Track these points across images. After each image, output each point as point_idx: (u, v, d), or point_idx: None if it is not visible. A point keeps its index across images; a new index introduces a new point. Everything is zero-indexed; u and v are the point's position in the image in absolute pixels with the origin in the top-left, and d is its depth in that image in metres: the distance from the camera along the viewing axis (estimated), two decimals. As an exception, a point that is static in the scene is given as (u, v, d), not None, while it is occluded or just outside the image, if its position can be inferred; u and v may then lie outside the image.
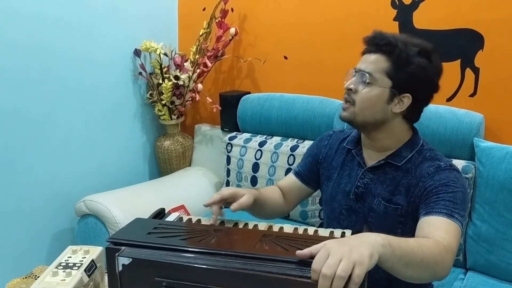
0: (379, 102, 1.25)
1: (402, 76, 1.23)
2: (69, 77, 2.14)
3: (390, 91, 1.24)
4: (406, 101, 1.25)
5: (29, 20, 1.95)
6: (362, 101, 1.25)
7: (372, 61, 1.26)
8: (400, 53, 1.22)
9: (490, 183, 1.71)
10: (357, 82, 1.27)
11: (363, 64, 1.27)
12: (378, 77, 1.24)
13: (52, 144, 2.12)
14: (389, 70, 1.24)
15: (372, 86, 1.24)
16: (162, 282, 0.90)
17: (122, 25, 2.36)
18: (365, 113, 1.26)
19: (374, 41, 1.27)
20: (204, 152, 2.62)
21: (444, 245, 1.03)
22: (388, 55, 1.24)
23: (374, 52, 1.26)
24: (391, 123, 1.28)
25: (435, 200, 1.17)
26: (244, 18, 2.47)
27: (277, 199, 1.47)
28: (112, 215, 1.98)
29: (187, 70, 2.44)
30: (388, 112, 1.26)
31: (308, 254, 0.84)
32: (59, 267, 1.03)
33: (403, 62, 1.22)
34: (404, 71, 1.23)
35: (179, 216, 1.17)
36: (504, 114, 1.89)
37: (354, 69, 1.30)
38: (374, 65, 1.25)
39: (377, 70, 1.24)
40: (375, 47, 1.26)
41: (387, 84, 1.24)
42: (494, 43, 1.86)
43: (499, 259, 1.71)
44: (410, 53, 1.22)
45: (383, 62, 1.24)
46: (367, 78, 1.24)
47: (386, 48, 1.24)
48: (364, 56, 1.30)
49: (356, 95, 1.26)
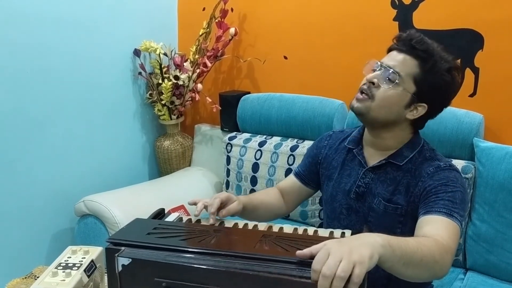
0: (397, 105, 1.24)
1: (427, 85, 1.23)
2: (68, 77, 2.14)
3: (411, 96, 1.23)
4: (421, 110, 1.26)
5: (29, 20, 1.95)
6: (382, 98, 1.24)
7: (403, 61, 1.23)
8: (434, 64, 1.22)
9: (490, 183, 1.71)
10: (383, 77, 1.24)
11: (392, 61, 1.24)
12: (405, 79, 1.22)
13: (51, 144, 2.12)
14: (417, 76, 1.22)
15: (396, 86, 1.23)
16: (161, 283, 0.90)
17: (122, 25, 2.36)
18: (381, 111, 1.25)
19: (411, 42, 1.23)
20: (204, 152, 2.62)
21: (443, 245, 1.04)
22: (421, 61, 1.22)
23: (406, 52, 1.24)
24: (398, 126, 1.29)
25: (434, 200, 1.18)
26: (244, 18, 2.47)
27: (273, 202, 1.47)
28: (112, 215, 1.98)
29: (187, 70, 2.44)
30: (402, 116, 1.26)
31: (308, 254, 0.84)
32: (58, 268, 1.03)
33: (433, 73, 1.22)
34: (431, 82, 1.22)
35: (179, 216, 1.17)
36: (504, 114, 1.89)
37: (380, 63, 1.27)
38: (404, 66, 1.23)
39: (406, 72, 1.22)
40: (409, 48, 1.23)
41: (411, 89, 1.23)
42: (494, 43, 1.86)
43: (498, 259, 1.71)
44: (442, 67, 1.22)
45: (414, 67, 1.22)
46: (394, 77, 1.22)
47: (422, 54, 1.22)
48: (392, 52, 1.27)
49: (378, 90, 1.24)
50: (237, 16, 2.47)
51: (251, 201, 1.36)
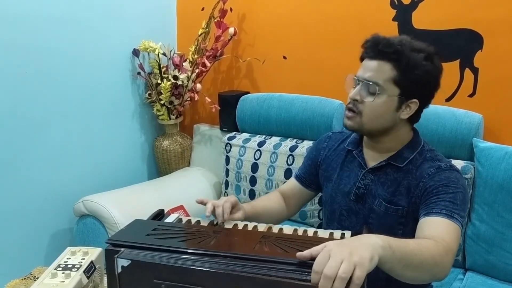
0: (387, 112, 1.23)
1: (409, 82, 1.21)
2: (67, 77, 2.14)
3: (398, 98, 1.22)
4: (413, 107, 1.24)
5: (28, 20, 1.94)
6: (370, 111, 1.23)
7: (377, 69, 1.21)
8: (408, 60, 1.19)
9: (489, 184, 1.71)
10: (363, 92, 1.23)
11: (367, 73, 1.22)
12: (385, 86, 1.21)
13: (50, 144, 2.11)
14: (396, 78, 1.20)
15: (380, 96, 1.21)
16: (161, 285, 0.90)
17: (121, 25, 2.35)
18: (373, 123, 1.24)
19: (379, 47, 1.21)
20: (203, 152, 2.62)
21: (444, 246, 1.03)
22: (394, 62, 1.20)
23: (377, 58, 1.22)
24: (396, 128, 1.28)
25: (435, 201, 1.17)
26: (243, 18, 2.46)
27: (275, 207, 1.46)
28: (111, 215, 1.98)
29: (186, 70, 2.43)
30: (397, 119, 1.25)
31: (309, 256, 0.84)
32: (58, 269, 1.02)
33: (411, 69, 1.19)
34: (411, 77, 1.20)
35: (178, 217, 1.17)
36: (503, 114, 1.89)
37: (357, 78, 1.25)
38: (380, 74, 1.21)
39: (384, 79, 1.21)
40: (379, 54, 1.21)
41: (395, 92, 1.22)
42: (493, 43, 1.86)
43: (498, 259, 1.71)
44: (417, 59, 1.20)
45: (390, 70, 1.20)
46: (375, 89, 1.21)
47: (393, 56, 1.19)
48: (364, 62, 1.25)
49: (363, 105, 1.23)
50: (236, 16, 2.47)
51: (254, 208, 1.35)
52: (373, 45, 1.23)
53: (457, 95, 1.97)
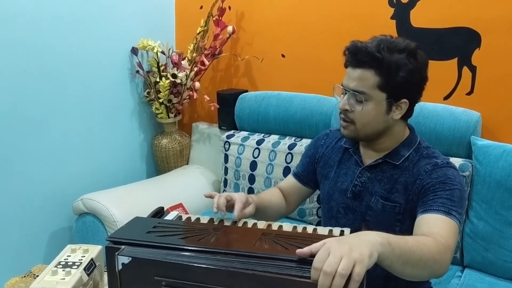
0: (378, 115, 1.24)
1: (394, 85, 1.20)
2: (66, 75, 2.14)
3: (386, 102, 1.23)
4: (404, 106, 1.25)
5: (26, 19, 1.94)
6: (361, 118, 1.24)
7: (360, 77, 1.21)
8: (389, 65, 1.18)
9: (487, 181, 1.72)
10: (352, 102, 1.24)
11: (352, 82, 1.23)
12: (371, 93, 1.21)
13: (49, 142, 2.11)
14: (380, 84, 1.20)
15: (367, 102, 1.22)
16: (161, 281, 0.90)
17: (119, 23, 2.35)
18: (367, 128, 1.26)
19: (358, 56, 1.21)
20: (201, 150, 2.62)
21: (442, 243, 1.04)
22: (375, 69, 1.20)
23: (359, 67, 1.22)
24: (391, 128, 1.29)
25: (432, 198, 1.18)
26: (241, 16, 2.47)
27: (278, 202, 1.48)
28: (110, 213, 1.98)
29: (185, 69, 2.44)
30: (390, 120, 1.26)
31: (308, 253, 0.85)
32: (58, 266, 1.03)
33: (393, 72, 1.19)
34: (395, 81, 1.20)
35: (178, 215, 1.18)
36: (501, 112, 1.90)
37: (343, 87, 1.26)
38: (363, 82, 1.21)
39: (369, 87, 1.21)
40: (359, 62, 1.21)
41: (382, 97, 1.22)
42: (491, 42, 1.87)
43: (496, 256, 1.72)
44: (398, 60, 1.19)
45: (372, 77, 1.20)
46: (361, 97, 1.22)
47: (373, 63, 1.19)
48: (348, 70, 1.25)
49: (354, 114, 1.25)
50: (235, 14, 2.47)
51: (262, 201, 1.36)
52: (352, 55, 1.23)
53: (455, 93, 1.97)
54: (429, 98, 1.96)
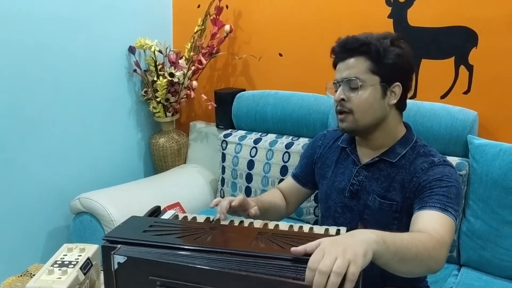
0: (375, 101, 1.26)
1: (385, 68, 1.25)
2: (63, 74, 2.14)
3: (381, 86, 1.26)
4: (398, 90, 1.28)
5: (24, 18, 1.94)
6: (359, 105, 1.26)
7: (352, 65, 1.26)
8: (377, 48, 1.24)
9: (483, 180, 1.72)
10: (347, 90, 1.27)
11: (344, 72, 1.27)
12: (365, 78, 1.25)
13: (46, 141, 2.11)
14: (372, 68, 1.25)
15: (363, 88, 1.25)
16: (156, 281, 0.90)
17: (117, 22, 2.35)
18: (366, 116, 1.26)
19: (347, 46, 1.27)
20: (199, 149, 2.62)
21: (438, 239, 1.04)
22: (365, 54, 1.25)
23: (349, 57, 1.27)
24: (388, 118, 1.30)
25: (429, 195, 1.19)
26: (239, 15, 2.46)
27: (279, 204, 1.48)
28: (107, 212, 1.98)
29: (182, 67, 2.43)
30: (386, 107, 1.28)
31: (303, 252, 0.85)
32: (54, 265, 1.03)
33: (382, 56, 1.24)
34: (386, 63, 1.25)
35: (174, 214, 1.18)
36: (497, 111, 1.90)
37: (336, 82, 1.30)
38: (356, 69, 1.26)
39: (362, 72, 1.25)
40: (349, 52, 1.27)
41: (376, 81, 1.25)
42: (488, 41, 1.87)
43: (492, 255, 1.72)
44: (384, 46, 1.25)
45: (363, 63, 1.25)
46: (356, 83, 1.25)
47: (362, 48, 1.25)
48: (338, 66, 1.30)
49: (351, 102, 1.26)
50: (232, 13, 2.47)
51: (263, 204, 1.36)
52: (341, 47, 1.29)
53: (452, 92, 1.98)
54: (426, 97, 1.97)
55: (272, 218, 1.40)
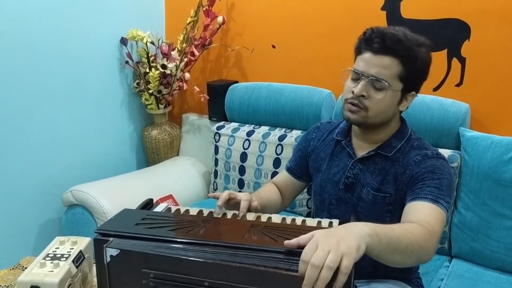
0: (392, 106, 1.26)
1: (412, 78, 1.23)
2: (54, 66, 2.12)
3: (401, 93, 1.25)
4: (410, 99, 1.28)
5: (13, 9, 1.91)
6: (377, 107, 1.24)
7: (385, 65, 1.20)
8: (414, 56, 1.20)
9: (475, 172, 1.73)
10: (370, 87, 1.22)
11: (373, 68, 1.20)
12: (392, 83, 1.21)
13: (38, 134, 2.10)
14: (402, 74, 1.21)
15: (385, 92, 1.22)
16: (149, 274, 0.90)
17: (108, 13, 2.33)
18: (378, 117, 1.26)
19: (386, 42, 1.18)
20: (192, 141, 2.62)
21: (429, 230, 1.06)
22: (402, 59, 1.20)
23: (384, 54, 1.20)
24: (392, 120, 1.31)
25: (421, 187, 1.20)
26: (231, 6, 2.45)
27: (276, 199, 1.47)
28: (100, 205, 1.97)
29: (174, 59, 2.42)
30: (396, 112, 1.29)
31: (296, 244, 0.85)
32: (46, 258, 1.02)
33: (416, 65, 1.21)
34: (415, 71, 1.23)
35: (167, 206, 1.17)
36: (489, 104, 1.91)
37: (361, 72, 1.22)
38: (387, 70, 1.20)
39: (392, 76, 1.21)
40: (387, 49, 1.19)
41: (399, 87, 1.24)
42: (481, 33, 1.88)
43: (483, 246, 1.73)
44: (420, 54, 1.22)
45: (396, 66, 1.20)
46: (382, 86, 1.21)
47: (401, 52, 1.19)
48: (368, 56, 1.22)
49: (369, 101, 1.23)
50: (225, 4, 2.45)
51: (261, 200, 1.34)
52: (379, 40, 1.20)
53: (445, 85, 1.98)
54: (419, 90, 1.97)
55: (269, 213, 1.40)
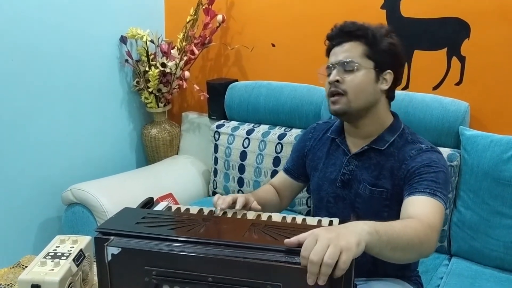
0: (369, 84, 1.29)
1: (379, 54, 1.29)
2: (54, 65, 2.12)
3: (374, 71, 1.29)
4: (389, 78, 1.31)
5: (13, 8, 1.91)
6: (354, 87, 1.28)
7: (348, 49, 1.30)
8: (374, 34, 1.29)
9: (474, 171, 1.73)
10: (341, 72, 1.29)
11: (340, 55, 1.30)
12: (360, 61, 1.28)
13: (38, 132, 2.10)
14: (367, 52, 1.29)
15: (357, 71, 1.28)
16: (152, 271, 0.90)
17: (108, 11, 2.33)
18: (359, 97, 1.28)
19: (344, 29, 1.31)
20: (191, 140, 2.62)
21: (428, 224, 1.07)
22: (362, 39, 1.29)
23: (345, 41, 1.31)
24: (378, 105, 1.32)
25: (418, 181, 1.21)
26: (231, 5, 2.45)
27: (273, 200, 1.48)
28: (99, 203, 1.97)
29: (174, 58, 2.42)
30: (378, 91, 1.31)
31: (296, 242, 0.85)
32: (47, 257, 1.03)
33: (377, 42, 1.29)
34: (380, 49, 1.29)
35: (167, 205, 1.17)
36: (489, 102, 1.91)
37: (331, 65, 1.33)
38: (352, 53, 1.29)
39: (357, 55, 1.29)
40: (346, 36, 1.31)
41: (370, 65, 1.29)
42: (480, 32, 1.87)
43: (482, 245, 1.74)
44: (381, 33, 1.30)
45: (359, 47, 1.29)
46: (351, 65, 1.28)
47: (359, 32, 1.29)
48: (334, 50, 1.33)
49: (345, 84, 1.28)
50: (225, 3, 2.45)
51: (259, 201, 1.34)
52: (338, 32, 1.33)
53: (444, 83, 1.98)
54: (418, 88, 1.97)
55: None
